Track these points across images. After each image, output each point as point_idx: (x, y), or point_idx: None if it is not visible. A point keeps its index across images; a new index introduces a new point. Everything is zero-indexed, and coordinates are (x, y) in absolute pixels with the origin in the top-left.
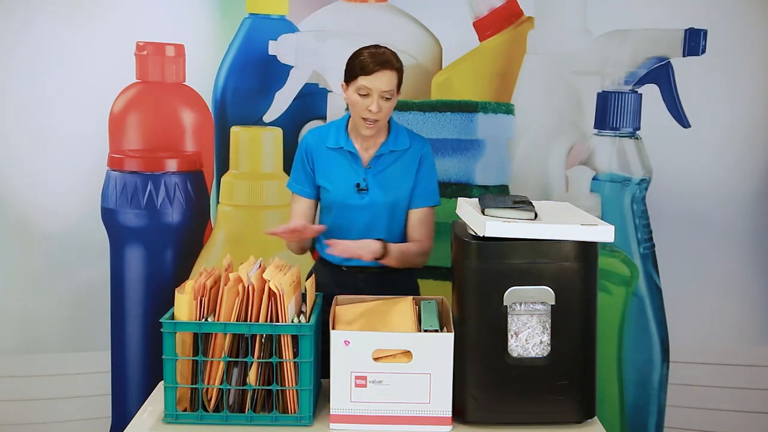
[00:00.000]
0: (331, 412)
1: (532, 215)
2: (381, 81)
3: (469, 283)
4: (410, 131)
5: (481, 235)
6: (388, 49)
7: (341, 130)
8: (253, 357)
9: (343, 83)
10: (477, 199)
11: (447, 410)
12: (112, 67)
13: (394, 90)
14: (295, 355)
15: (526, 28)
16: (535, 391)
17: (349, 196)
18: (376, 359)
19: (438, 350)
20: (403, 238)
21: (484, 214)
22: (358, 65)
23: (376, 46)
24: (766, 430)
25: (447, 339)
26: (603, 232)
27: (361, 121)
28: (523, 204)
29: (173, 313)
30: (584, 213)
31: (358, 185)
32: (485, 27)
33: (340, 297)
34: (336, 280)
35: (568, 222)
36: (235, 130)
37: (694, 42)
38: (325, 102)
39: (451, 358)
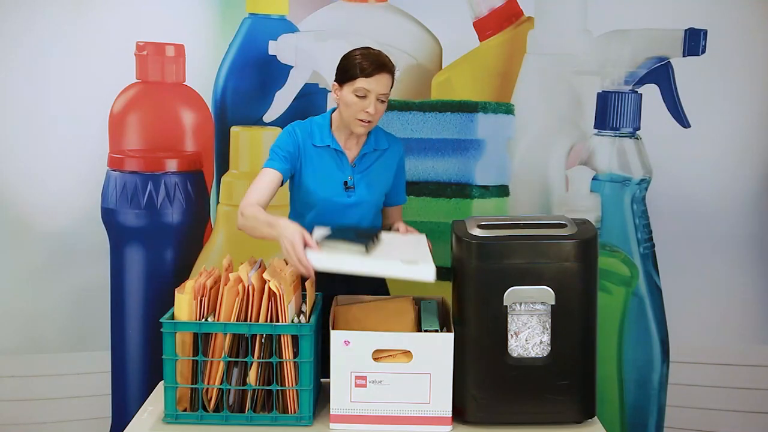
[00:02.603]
0: (331, 412)
1: (363, 249)
2: (379, 84)
3: (469, 283)
4: (385, 131)
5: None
6: (381, 51)
7: (324, 128)
8: (253, 357)
9: (335, 83)
10: (330, 228)
11: (447, 410)
12: (112, 67)
13: (389, 92)
14: (295, 355)
15: (526, 28)
16: (535, 391)
17: (336, 195)
18: (376, 359)
19: (438, 350)
20: None
21: (318, 244)
22: (357, 67)
23: (368, 48)
24: (766, 430)
25: (447, 339)
26: (423, 271)
27: (356, 122)
28: (366, 238)
29: (173, 313)
30: (424, 249)
31: (345, 183)
32: (485, 27)
33: (340, 297)
34: (333, 278)
35: (391, 258)
36: (235, 130)
37: (694, 42)
38: (325, 102)
39: (451, 358)
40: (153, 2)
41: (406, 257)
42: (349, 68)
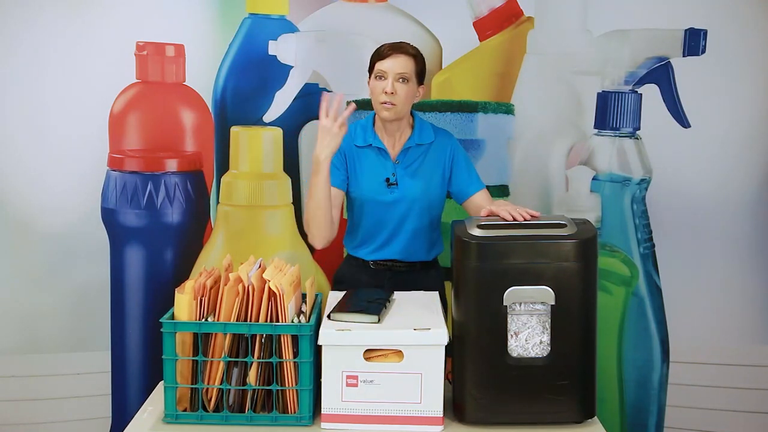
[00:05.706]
0: (322, 412)
1: (376, 319)
2: (395, 63)
3: (469, 283)
4: (434, 126)
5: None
6: (408, 43)
7: (368, 129)
8: (253, 357)
9: (368, 81)
10: (345, 293)
11: (438, 410)
12: (112, 67)
13: (411, 74)
14: (295, 355)
15: (526, 28)
16: (535, 391)
17: (380, 192)
18: (367, 359)
19: (429, 350)
20: (439, 235)
21: (329, 318)
22: (375, 54)
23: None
24: (766, 430)
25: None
26: (435, 337)
27: (380, 106)
28: (378, 305)
29: (173, 313)
30: (437, 309)
31: (387, 180)
32: (485, 27)
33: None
34: (364, 277)
35: (404, 326)
36: (235, 130)
37: (694, 42)
38: None
39: (443, 357)
40: (153, 2)
41: (418, 323)
42: (371, 59)
